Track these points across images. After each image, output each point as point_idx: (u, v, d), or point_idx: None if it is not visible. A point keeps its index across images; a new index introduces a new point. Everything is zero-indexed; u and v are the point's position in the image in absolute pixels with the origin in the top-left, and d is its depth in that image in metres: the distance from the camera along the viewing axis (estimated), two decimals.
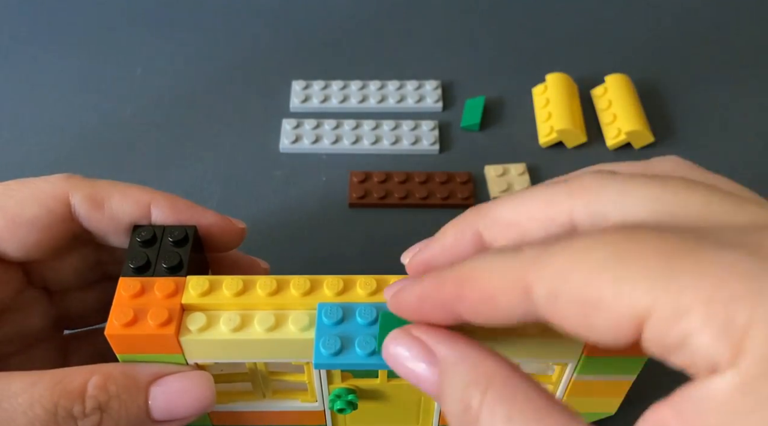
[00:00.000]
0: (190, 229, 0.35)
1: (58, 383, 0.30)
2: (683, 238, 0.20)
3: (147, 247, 0.34)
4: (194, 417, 0.33)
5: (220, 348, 0.32)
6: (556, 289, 0.22)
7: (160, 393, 0.32)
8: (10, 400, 0.29)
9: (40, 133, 0.61)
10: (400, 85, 0.64)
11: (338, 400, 0.35)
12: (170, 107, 0.64)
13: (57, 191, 0.35)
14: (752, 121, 0.62)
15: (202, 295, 0.32)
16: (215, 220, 0.37)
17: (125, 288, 0.32)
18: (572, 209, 0.26)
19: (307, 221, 0.55)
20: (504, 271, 0.24)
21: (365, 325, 0.31)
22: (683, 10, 0.73)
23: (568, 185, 0.27)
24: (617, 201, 0.25)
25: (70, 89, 0.65)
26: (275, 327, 0.32)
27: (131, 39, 0.70)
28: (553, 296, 0.22)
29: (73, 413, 0.30)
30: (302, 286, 0.33)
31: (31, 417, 0.29)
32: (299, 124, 0.61)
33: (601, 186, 0.26)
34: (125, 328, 0.31)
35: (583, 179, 0.26)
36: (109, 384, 0.31)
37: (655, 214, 0.24)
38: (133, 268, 0.33)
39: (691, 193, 0.24)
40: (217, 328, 0.32)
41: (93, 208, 0.35)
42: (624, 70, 0.64)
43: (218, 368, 0.35)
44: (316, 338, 0.31)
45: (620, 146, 0.59)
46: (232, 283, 0.32)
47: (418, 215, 0.55)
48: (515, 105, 0.64)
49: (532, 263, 0.23)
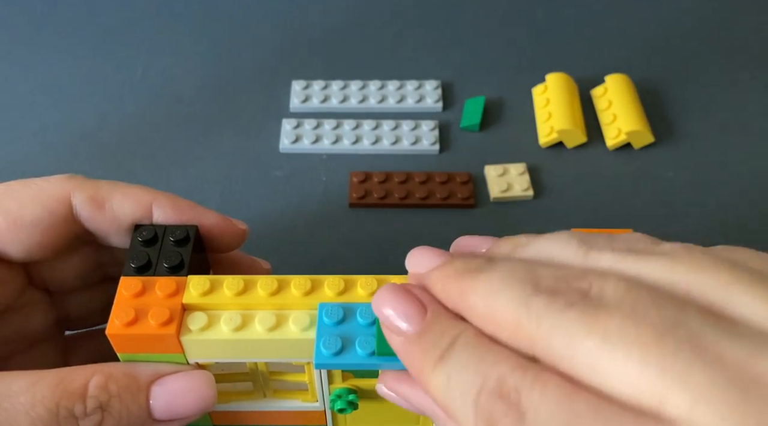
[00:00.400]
0: (191, 228, 0.35)
1: (59, 383, 0.30)
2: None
3: (148, 247, 0.34)
4: (195, 416, 0.33)
5: (220, 348, 0.32)
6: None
7: (161, 393, 0.32)
8: (12, 400, 0.29)
9: (40, 133, 0.61)
10: (400, 85, 0.64)
11: (339, 400, 0.35)
12: (170, 107, 0.64)
13: (58, 192, 0.35)
14: (752, 121, 0.62)
15: (203, 295, 0.32)
16: (217, 221, 0.37)
17: (126, 287, 0.32)
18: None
19: (308, 221, 0.55)
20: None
21: (366, 325, 0.31)
22: (683, 10, 0.73)
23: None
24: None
25: (70, 89, 0.65)
26: (276, 327, 0.32)
27: (131, 39, 0.70)
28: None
29: (74, 413, 0.30)
30: (303, 286, 0.33)
31: (33, 417, 0.29)
32: (299, 124, 0.61)
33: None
34: (126, 327, 0.31)
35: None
36: (110, 384, 0.31)
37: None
38: (135, 268, 0.33)
39: None
40: (217, 327, 0.32)
41: (94, 209, 0.35)
42: (624, 70, 0.64)
43: (219, 368, 0.35)
44: (317, 338, 0.31)
45: (620, 146, 0.59)
46: (233, 282, 0.32)
47: (418, 215, 0.55)
48: (515, 105, 0.64)
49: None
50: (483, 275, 0.26)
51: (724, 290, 0.22)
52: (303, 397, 0.37)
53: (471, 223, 0.55)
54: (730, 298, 0.22)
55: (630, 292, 0.23)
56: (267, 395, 0.37)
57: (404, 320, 0.27)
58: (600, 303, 0.23)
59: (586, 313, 0.22)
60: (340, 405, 0.35)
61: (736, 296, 0.22)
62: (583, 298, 0.23)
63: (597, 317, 0.22)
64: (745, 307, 0.22)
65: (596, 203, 0.56)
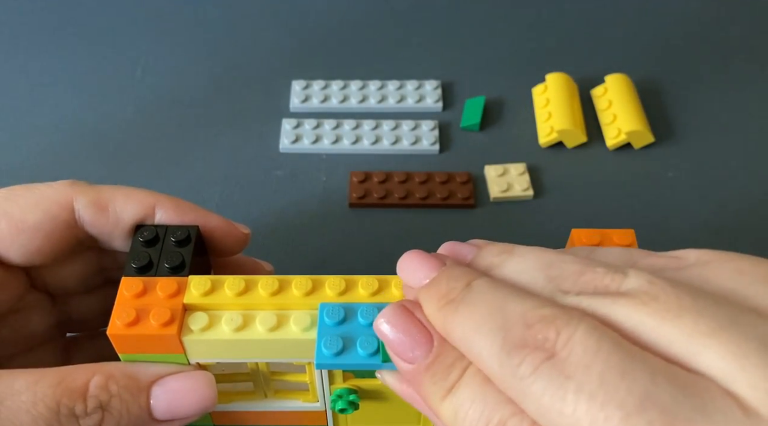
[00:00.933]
0: (192, 229, 0.35)
1: (60, 382, 0.30)
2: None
3: (149, 247, 0.34)
4: (196, 417, 0.33)
5: (221, 348, 0.32)
6: None
7: (162, 393, 0.32)
8: (14, 398, 0.29)
9: (40, 134, 0.61)
10: (400, 85, 0.64)
11: (340, 401, 0.35)
12: (170, 107, 0.64)
13: (61, 197, 0.35)
14: (752, 121, 0.62)
15: (204, 295, 0.32)
16: (219, 224, 0.37)
17: (127, 288, 0.32)
18: None
19: (308, 221, 0.55)
20: None
21: (367, 325, 0.31)
22: (683, 10, 0.73)
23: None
24: None
25: (70, 89, 0.65)
26: (277, 327, 0.32)
27: (131, 39, 0.70)
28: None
29: (75, 412, 0.30)
30: (304, 286, 0.33)
31: (34, 415, 0.29)
32: (299, 124, 0.61)
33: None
34: (127, 327, 0.31)
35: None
36: (111, 383, 0.31)
37: None
38: (136, 268, 0.33)
39: None
40: (219, 327, 0.32)
41: (97, 212, 0.35)
42: (624, 70, 0.64)
43: (220, 368, 0.35)
44: (318, 338, 0.31)
45: (620, 146, 0.59)
46: (234, 283, 0.32)
47: (418, 215, 0.55)
48: (515, 105, 0.64)
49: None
50: (460, 310, 0.26)
51: (688, 343, 0.22)
52: (304, 397, 0.37)
53: (471, 223, 0.55)
54: (695, 351, 0.22)
55: (598, 355, 0.22)
56: (268, 395, 0.37)
57: (411, 349, 0.27)
58: (566, 368, 0.22)
59: (552, 384, 0.22)
60: (341, 405, 0.35)
61: (699, 349, 0.22)
62: (550, 358, 0.23)
63: (564, 394, 0.22)
64: (710, 362, 0.21)
65: (596, 203, 0.56)
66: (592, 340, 0.22)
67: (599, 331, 0.23)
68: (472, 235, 0.35)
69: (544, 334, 0.23)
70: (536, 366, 0.23)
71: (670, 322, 0.22)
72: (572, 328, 0.23)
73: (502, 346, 0.24)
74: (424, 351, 0.27)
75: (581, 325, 0.23)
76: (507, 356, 0.23)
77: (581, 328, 0.23)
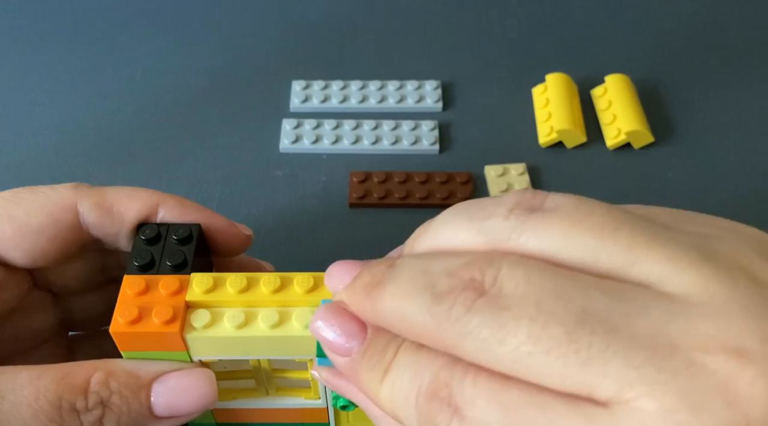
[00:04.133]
0: (194, 227, 0.35)
1: (63, 377, 0.30)
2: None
3: (151, 245, 0.34)
4: (196, 414, 0.33)
5: (224, 345, 0.32)
6: None
7: (163, 390, 0.32)
8: (16, 393, 0.30)
9: (40, 134, 0.61)
10: (400, 85, 0.64)
11: (341, 398, 0.35)
12: (170, 107, 0.64)
13: (64, 200, 0.35)
14: (752, 121, 0.62)
15: (207, 293, 0.32)
16: (222, 224, 0.37)
17: (130, 286, 0.32)
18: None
19: (308, 221, 0.55)
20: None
21: None
22: (683, 11, 0.73)
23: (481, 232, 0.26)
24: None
25: (70, 89, 0.65)
26: (279, 324, 0.32)
27: (131, 39, 0.70)
28: None
29: (76, 407, 0.30)
30: (306, 283, 0.33)
31: (36, 409, 0.29)
32: (299, 124, 0.61)
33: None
34: (130, 325, 0.31)
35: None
36: (111, 380, 0.31)
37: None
38: (138, 266, 0.33)
39: None
40: (221, 325, 0.32)
41: (102, 215, 0.35)
42: (624, 70, 0.64)
43: (222, 365, 0.35)
44: None
45: (620, 146, 0.60)
46: (236, 280, 0.32)
47: (418, 215, 0.55)
48: (515, 105, 0.64)
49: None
50: (387, 287, 0.26)
51: (625, 255, 0.22)
52: (306, 394, 0.37)
53: None
54: (631, 261, 0.22)
55: (529, 284, 0.22)
56: (270, 392, 0.37)
57: (346, 342, 0.27)
58: (500, 301, 0.22)
59: (489, 317, 0.22)
60: (342, 402, 0.35)
61: (635, 259, 0.22)
62: (481, 296, 0.23)
63: (503, 323, 0.22)
64: (646, 269, 0.22)
65: None
66: (519, 272, 0.23)
67: (524, 263, 0.23)
68: None
69: (470, 275, 0.23)
70: (469, 305, 0.23)
71: (610, 235, 0.23)
72: (496, 266, 0.23)
73: (431, 299, 0.24)
74: (359, 340, 0.27)
75: (504, 261, 0.23)
76: (438, 305, 0.23)
77: (505, 265, 0.23)
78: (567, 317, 0.21)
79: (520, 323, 0.22)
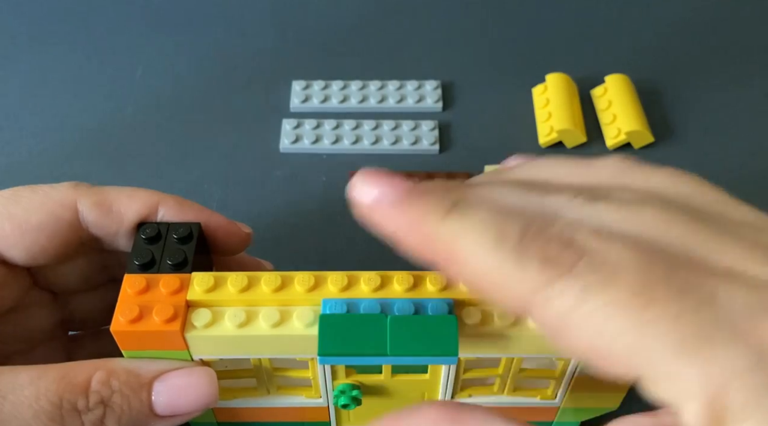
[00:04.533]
0: (194, 226, 0.35)
1: (63, 377, 0.30)
2: (699, 325, 0.20)
3: (152, 244, 0.34)
4: (197, 413, 0.33)
5: (225, 344, 0.32)
6: (561, 330, 0.22)
7: (163, 389, 0.32)
8: (17, 393, 0.30)
9: (40, 134, 0.61)
10: (400, 85, 0.64)
11: (342, 396, 0.35)
12: (170, 107, 0.64)
13: (64, 198, 0.35)
14: (752, 121, 0.62)
15: (207, 292, 0.32)
16: (222, 223, 0.37)
17: (130, 285, 0.32)
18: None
19: (308, 221, 0.55)
20: (501, 277, 0.23)
21: None
22: (683, 10, 0.73)
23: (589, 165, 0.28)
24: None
25: (70, 89, 0.65)
26: (280, 323, 0.32)
27: (131, 39, 0.70)
28: (556, 331, 0.22)
29: (77, 407, 0.30)
30: (307, 282, 0.33)
31: (36, 409, 0.29)
32: (299, 124, 0.61)
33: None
34: (130, 324, 0.31)
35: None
36: (112, 379, 0.31)
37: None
38: (138, 265, 0.33)
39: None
40: (222, 324, 0.32)
41: (102, 213, 0.35)
42: (624, 70, 0.64)
43: (223, 364, 0.35)
44: None
45: (620, 146, 0.60)
46: (237, 279, 0.32)
47: None
48: (515, 105, 0.64)
49: (534, 292, 0.22)
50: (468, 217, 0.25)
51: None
52: (306, 393, 0.37)
53: None
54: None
55: (643, 255, 0.22)
56: (270, 391, 0.37)
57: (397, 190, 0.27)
58: (608, 269, 0.22)
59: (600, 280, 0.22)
60: (343, 401, 0.35)
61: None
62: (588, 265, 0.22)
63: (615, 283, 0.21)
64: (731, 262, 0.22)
65: None
66: (629, 246, 0.23)
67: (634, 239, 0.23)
68: None
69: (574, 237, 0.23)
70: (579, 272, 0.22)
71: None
72: (601, 240, 0.23)
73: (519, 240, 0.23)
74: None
75: (612, 236, 0.23)
76: (531, 262, 0.23)
77: (615, 239, 0.23)
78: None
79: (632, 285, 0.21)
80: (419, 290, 0.33)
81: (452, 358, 0.31)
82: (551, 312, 0.22)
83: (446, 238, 0.24)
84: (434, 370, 0.35)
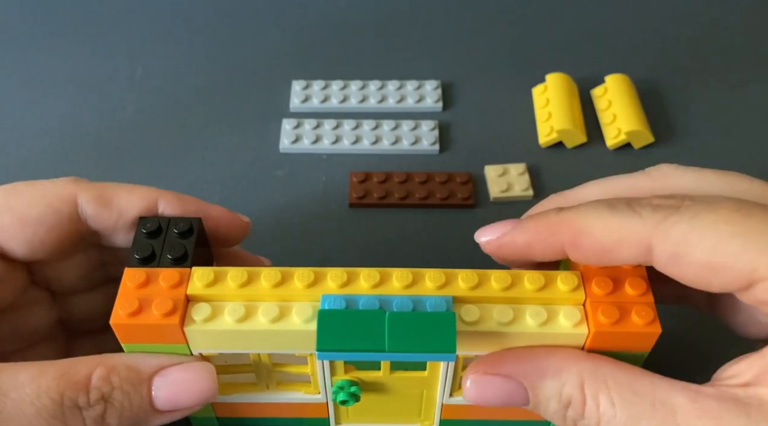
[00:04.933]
0: (195, 220, 0.35)
1: (63, 374, 0.30)
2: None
3: (152, 239, 0.34)
4: (197, 407, 0.33)
5: (224, 338, 0.32)
6: (680, 253, 0.28)
7: (163, 384, 0.32)
8: (18, 391, 0.30)
9: (40, 133, 0.61)
10: (400, 85, 0.64)
11: (341, 392, 0.35)
12: (170, 107, 0.64)
13: (64, 192, 0.35)
14: (752, 121, 0.62)
15: (207, 286, 0.32)
16: (221, 214, 0.37)
17: (130, 278, 0.32)
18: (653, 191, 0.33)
19: (307, 221, 0.55)
20: (623, 229, 0.29)
21: None
22: (683, 11, 0.73)
23: (645, 173, 0.36)
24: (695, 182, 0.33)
25: (70, 89, 0.65)
26: (279, 318, 0.32)
27: (131, 39, 0.70)
28: (676, 257, 0.28)
29: (78, 403, 0.30)
30: (306, 278, 0.33)
31: (38, 406, 0.29)
32: (299, 124, 0.61)
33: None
34: (130, 317, 0.31)
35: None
36: (113, 375, 0.31)
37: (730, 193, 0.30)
38: (138, 259, 0.33)
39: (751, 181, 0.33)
40: (221, 318, 0.32)
41: (101, 207, 0.35)
42: (624, 70, 0.64)
43: (222, 359, 0.35)
44: None
45: (620, 146, 0.60)
46: (237, 274, 0.33)
47: (418, 215, 0.55)
48: (515, 105, 0.64)
49: (654, 227, 0.28)
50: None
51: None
52: (305, 388, 0.37)
53: (471, 223, 0.55)
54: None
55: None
56: (270, 387, 0.37)
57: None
58: (709, 201, 0.29)
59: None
60: (342, 397, 0.35)
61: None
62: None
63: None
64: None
65: None
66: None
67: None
68: (471, 235, 0.35)
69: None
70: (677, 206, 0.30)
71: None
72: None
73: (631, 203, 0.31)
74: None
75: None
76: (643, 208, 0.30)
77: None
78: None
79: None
80: (418, 287, 0.33)
81: (450, 355, 0.31)
82: (670, 240, 0.28)
83: (569, 220, 0.31)
84: (433, 367, 0.35)
